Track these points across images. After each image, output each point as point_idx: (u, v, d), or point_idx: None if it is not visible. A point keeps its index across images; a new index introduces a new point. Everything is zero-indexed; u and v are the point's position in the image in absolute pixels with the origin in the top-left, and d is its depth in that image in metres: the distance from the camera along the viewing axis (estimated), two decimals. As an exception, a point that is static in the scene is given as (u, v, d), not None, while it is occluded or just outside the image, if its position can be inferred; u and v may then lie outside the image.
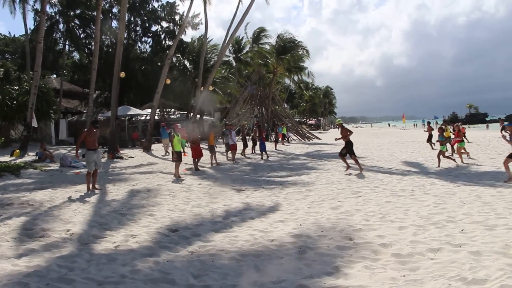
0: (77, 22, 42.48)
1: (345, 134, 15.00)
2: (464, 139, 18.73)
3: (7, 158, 19.24)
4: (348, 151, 14.95)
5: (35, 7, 37.69)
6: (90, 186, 11.34)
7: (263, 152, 20.34)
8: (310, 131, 50.07)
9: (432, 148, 22.91)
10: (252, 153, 22.88)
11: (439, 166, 15.50)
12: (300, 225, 7.15)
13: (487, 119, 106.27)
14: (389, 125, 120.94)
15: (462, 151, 17.85)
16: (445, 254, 5.32)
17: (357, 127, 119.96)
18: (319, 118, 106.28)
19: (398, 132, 60.15)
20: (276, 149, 27.00)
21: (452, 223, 6.87)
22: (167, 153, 22.93)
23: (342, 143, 15.58)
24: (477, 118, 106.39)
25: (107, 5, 40.96)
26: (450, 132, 19.54)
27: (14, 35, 56.97)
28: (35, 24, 38.19)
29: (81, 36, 43.29)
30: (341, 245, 5.92)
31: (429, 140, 24.82)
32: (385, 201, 9.04)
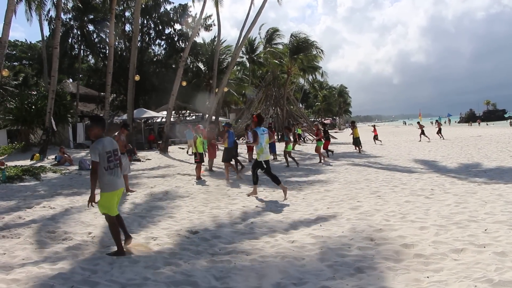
0: (91, 27, 42.98)
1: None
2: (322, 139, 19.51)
3: (27, 162, 19.51)
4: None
5: (49, 15, 38.13)
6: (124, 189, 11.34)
7: (273, 153, 20.36)
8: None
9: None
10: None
11: (288, 165, 17.04)
12: (320, 225, 7.12)
13: (506, 115, 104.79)
14: (404, 123, 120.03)
15: (322, 150, 19.21)
16: (469, 254, 5.25)
17: (373, 125, 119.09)
18: (335, 117, 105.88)
19: (415, 130, 59.55)
20: (293, 149, 26.90)
21: (475, 222, 6.77)
22: (191, 153, 23.03)
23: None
24: (495, 115, 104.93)
25: (121, 7, 41.30)
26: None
27: (30, 42, 57.85)
28: (51, 30, 38.66)
29: (96, 41, 43.76)
30: (362, 246, 5.88)
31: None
32: (404, 201, 8.96)
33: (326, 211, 8.35)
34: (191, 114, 44.14)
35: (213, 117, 35.31)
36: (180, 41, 46.25)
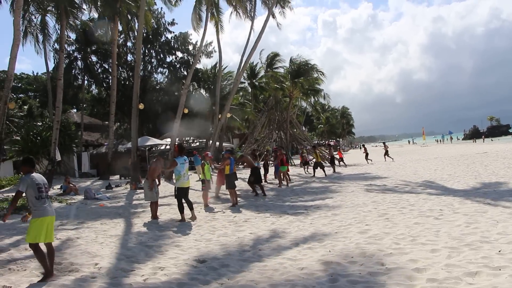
0: (94, 58, 43.62)
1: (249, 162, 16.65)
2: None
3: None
4: (255, 178, 16.11)
5: (54, 47, 38.70)
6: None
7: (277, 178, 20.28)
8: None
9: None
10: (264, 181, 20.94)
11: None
12: (329, 251, 7.01)
13: (510, 130, 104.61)
14: (409, 142, 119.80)
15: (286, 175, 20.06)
16: (484, 278, 5.13)
17: (376, 146, 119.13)
18: (338, 139, 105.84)
19: (419, 149, 59.47)
20: (306, 172, 26.60)
21: (488, 243, 6.64)
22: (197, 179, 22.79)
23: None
24: (499, 130, 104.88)
25: (121, 40, 41.87)
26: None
27: (37, 73, 58.58)
28: (55, 62, 39.21)
29: (99, 71, 44.32)
30: (373, 271, 5.78)
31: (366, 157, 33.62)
32: (414, 223, 8.83)
33: (335, 235, 8.24)
34: (195, 141, 44.22)
35: (217, 143, 35.35)
36: (182, 69, 46.68)
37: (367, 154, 34.37)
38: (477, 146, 51.55)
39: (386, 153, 35.29)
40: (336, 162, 29.42)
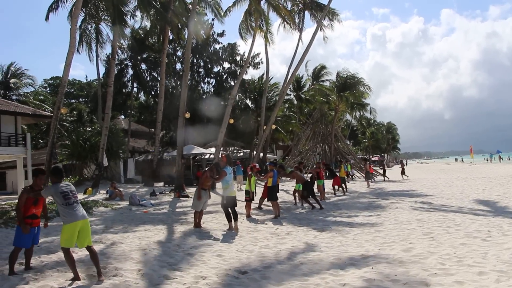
0: (144, 66, 44.77)
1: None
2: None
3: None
4: (308, 192, 16.04)
5: (106, 54, 40.13)
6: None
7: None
8: (374, 168, 49.03)
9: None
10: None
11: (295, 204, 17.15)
12: (372, 268, 6.93)
13: None
14: (456, 160, 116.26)
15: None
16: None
17: (421, 163, 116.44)
18: (382, 154, 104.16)
19: (467, 167, 57.61)
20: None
21: (541, 270, 6.36)
22: (240, 189, 22.91)
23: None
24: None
25: (171, 47, 42.79)
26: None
27: (90, 80, 60.60)
28: (106, 69, 40.52)
29: (148, 79, 45.45)
30: (418, 291, 5.66)
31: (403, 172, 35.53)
32: (460, 243, 8.59)
33: (378, 252, 8.13)
34: (239, 151, 44.57)
35: (261, 154, 35.47)
36: (229, 79, 47.26)
37: (384, 171, 35.86)
38: (529, 167, 49.45)
39: (403, 171, 35.74)
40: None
